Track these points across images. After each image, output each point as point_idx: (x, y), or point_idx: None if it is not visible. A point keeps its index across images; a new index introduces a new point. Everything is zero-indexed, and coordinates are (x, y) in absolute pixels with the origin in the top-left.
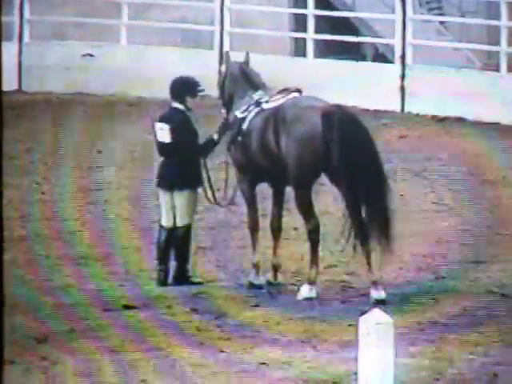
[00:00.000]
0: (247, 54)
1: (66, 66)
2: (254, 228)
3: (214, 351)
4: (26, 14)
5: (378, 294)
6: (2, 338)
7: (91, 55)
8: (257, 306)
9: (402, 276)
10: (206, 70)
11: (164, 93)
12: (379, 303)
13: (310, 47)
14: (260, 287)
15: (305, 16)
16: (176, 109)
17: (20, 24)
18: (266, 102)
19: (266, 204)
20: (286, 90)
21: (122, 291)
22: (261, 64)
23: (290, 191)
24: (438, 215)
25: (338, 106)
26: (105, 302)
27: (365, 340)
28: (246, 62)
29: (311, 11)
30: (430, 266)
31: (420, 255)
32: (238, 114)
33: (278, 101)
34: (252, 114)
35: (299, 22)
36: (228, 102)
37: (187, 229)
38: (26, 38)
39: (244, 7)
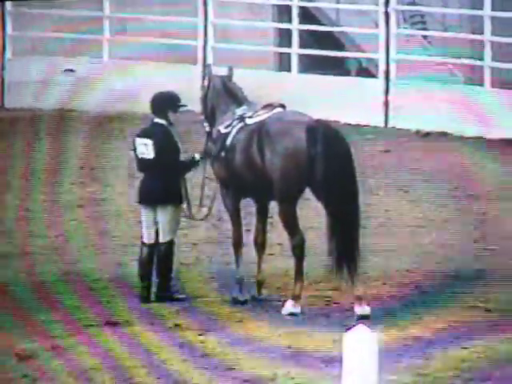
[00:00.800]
0: (230, 68)
1: (48, 82)
2: (238, 243)
3: (198, 367)
4: (9, 30)
5: (362, 309)
6: None
7: (72, 70)
8: (241, 321)
9: (386, 291)
10: (189, 85)
11: (146, 108)
12: (363, 318)
13: (295, 62)
14: (244, 303)
15: (289, 31)
16: (158, 124)
17: (2, 40)
18: (250, 117)
19: (250, 219)
20: (269, 106)
21: (105, 307)
22: (245, 79)
23: (274, 206)
24: (422, 230)
25: (322, 121)
26: (87, 319)
27: (349, 356)
28: (229, 76)
29: (295, 26)
30: (414, 281)
31: (404, 270)
32: (222, 129)
33: (261, 116)
34: (236, 129)
35: (283, 37)
36: (210, 116)
37: (170, 245)
38: (9, 54)
39: (228, 22)
